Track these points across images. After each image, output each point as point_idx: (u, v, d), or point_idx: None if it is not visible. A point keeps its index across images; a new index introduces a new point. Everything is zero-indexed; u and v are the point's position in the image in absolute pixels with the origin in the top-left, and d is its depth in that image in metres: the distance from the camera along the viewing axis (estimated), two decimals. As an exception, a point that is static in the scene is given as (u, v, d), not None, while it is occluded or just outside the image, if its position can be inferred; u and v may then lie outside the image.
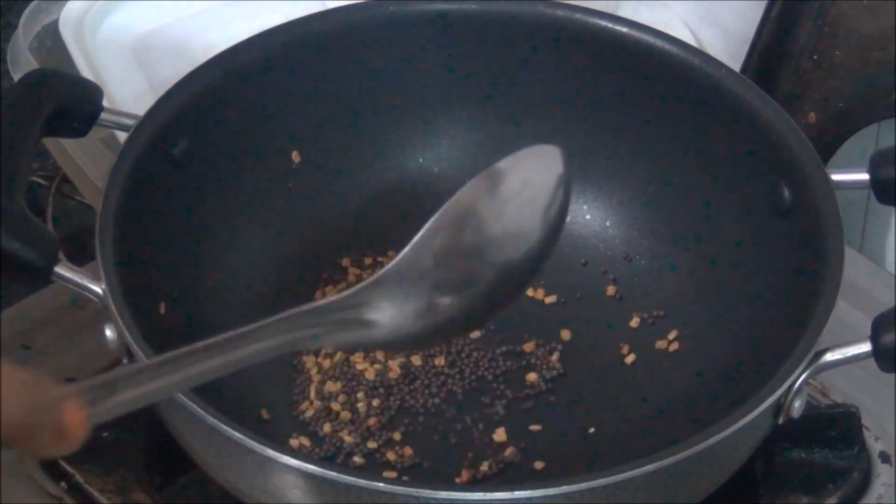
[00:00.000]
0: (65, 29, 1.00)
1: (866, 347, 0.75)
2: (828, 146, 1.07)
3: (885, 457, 0.87)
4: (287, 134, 0.92)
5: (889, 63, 1.05)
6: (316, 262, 0.93)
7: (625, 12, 0.98)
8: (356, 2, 0.93)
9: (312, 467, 0.69)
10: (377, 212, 0.95)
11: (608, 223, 0.94)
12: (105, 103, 0.84)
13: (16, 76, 0.97)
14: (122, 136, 0.84)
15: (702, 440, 0.71)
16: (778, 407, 0.75)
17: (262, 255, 0.91)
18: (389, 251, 0.93)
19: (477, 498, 0.68)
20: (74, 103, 0.83)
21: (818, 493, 0.83)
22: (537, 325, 0.91)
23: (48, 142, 0.98)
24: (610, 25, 0.91)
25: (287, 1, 0.98)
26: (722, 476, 0.77)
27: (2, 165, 0.77)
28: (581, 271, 0.93)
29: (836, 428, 0.85)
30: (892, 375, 0.81)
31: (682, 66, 0.89)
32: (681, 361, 0.88)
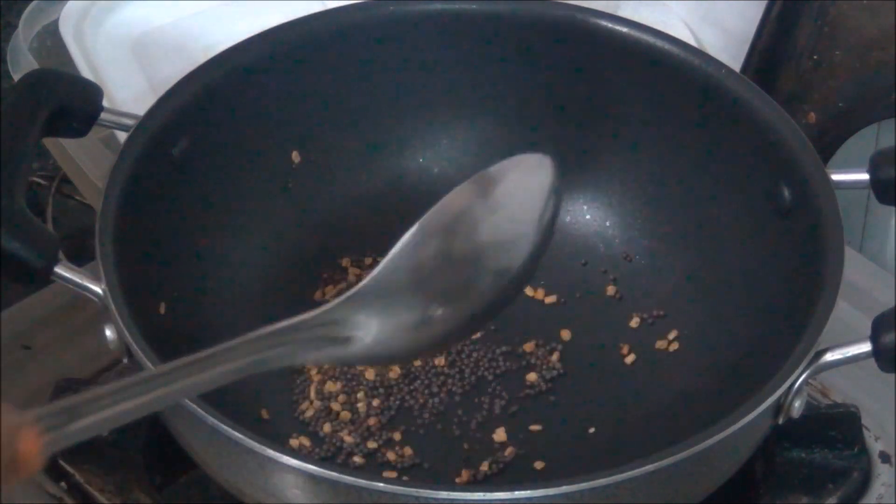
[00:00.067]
0: (65, 29, 1.00)
1: (866, 347, 0.75)
2: (828, 146, 1.07)
3: (885, 457, 0.87)
4: (287, 134, 0.92)
5: (889, 63, 1.05)
6: (316, 262, 0.93)
7: (625, 12, 0.98)
8: (356, 2, 0.93)
9: (312, 467, 0.69)
10: (377, 212, 0.95)
11: (608, 223, 0.94)
12: (105, 103, 0.84)
13: (16, 76, 0.97)
14: (122, 136, 0.84)
15: (702, 440, 0.71)
16: (778, 407, 0.75)
17: (262, 255, 0.91)
18: (389, 251, 0.93)
19: (477, 498, 0.68)
20: (74, 103, 0.83)
21: (818, 493, 0.83)
22: (537, 325, 0.91)
23: (48, 142, 0.98)
24: (610, 25, 0.91)
25: (287, 1, 0.98)
26: (722, 476, 0.77)
27: (2, 165, 0.77)
28: (581, 271, 0.93)
29: (836, 428, 0.85)
30: (892, 375, 0.81)
31: (682, 66, 0.89)
32: (681, 361, 0.88)
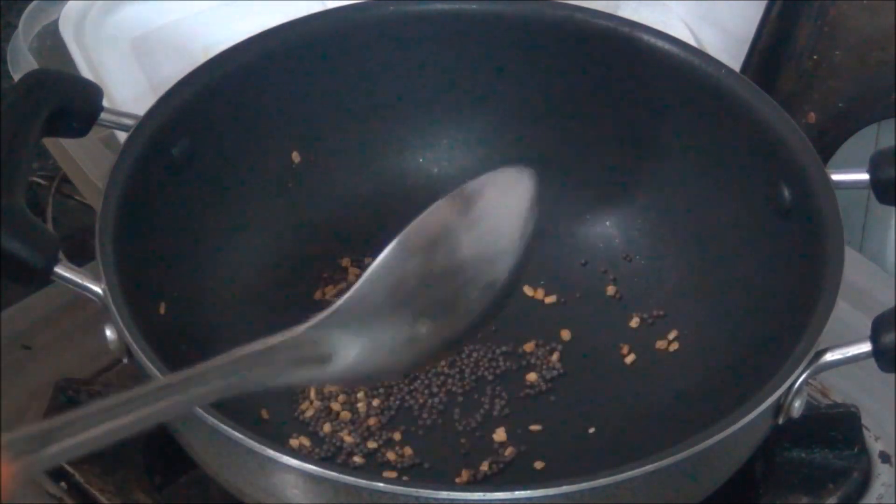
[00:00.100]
0: (65, 29, 1.00)
1: (866, 347, 0.75)
2: (828, 146, 1.07)
3: (885, 457, 0.87)
4: (287, 134, 0.92)
5: (889, 63, 1.05)
6: (316, 262, 0.93)
7: (625, 12, 0.98)
8: (356, 2, 0.93)
9: (312, 467, 0.69)
10: (377, 212, 0.95)
11: (608, 223, 0.94)
12: (105, 103, 0.84)
13: (16, 76, 0.97)
14: (122, 136, 0.84)
15: (702, 440, 0.71)
16: (778, 407, 0.75)
17: (262, 255, 0.91)
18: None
19: (477, 498, 0.68)
20: (74, 103, 0.83)
21: (818, 493, 0.83)
22: (537, 325, 0.91)
23: (48, 142, 0.98)
24: (610, 25, 0.91)
25: (287, 1, 0.98)
26: (722, 476, 0.77)
27: (2, 165, 0.77)
28: (581, 271, 0.93)
29: (836, 428, 0.85)
30: (892, 375, 0.81)
31: (682, 66, 0.89)
32: (681, 361, 0.88)
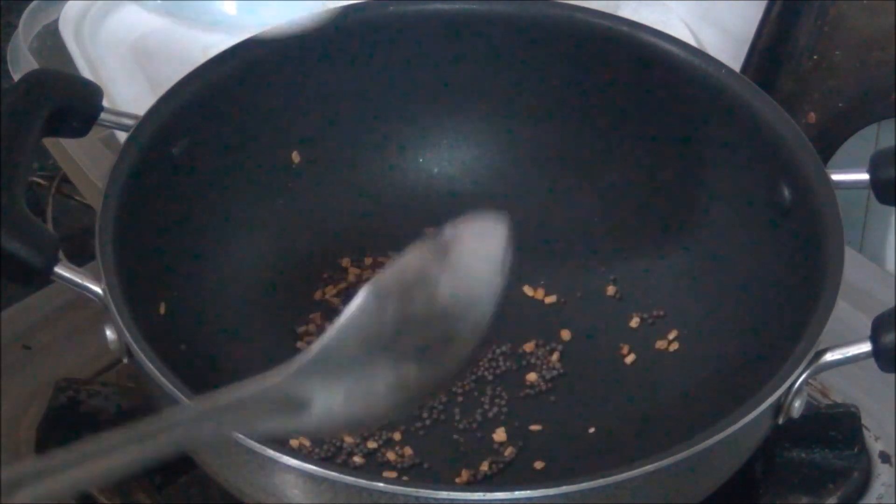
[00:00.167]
0: (65, 29, 1.00)
1: (866, 347, 0.75)
2: (828, 146, 1.07)
3: (885, 457, 0.87)
4: (287, 134, 0.92)
5: (889, 63, 1.05)
6: (316, 262, 0.93)
7: (625, 12, 0.98)
8: (356, 2, 0.93)
9: (312, 467, 0.69)
10: (377, 212, 0.95)
11: (608, 223, 0.94)
12: (105, 103, 0.84)
13: (16, 76, 0.97)
14: (122, 136, 0.84)
15: (702, 440, 0.71)
16: (778, 407, 0.75)
17: (262, 255, 0.91)
18: (389, 251, 0.93)
19: (477, 498, 0.68)
20: (74, 103, 0.83)
21: (818, 493, 0.83)
22: (537, 325, 0.90)
23: (48, 142, 0.98)
24: (610, 25, 0.91)
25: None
26: (722, 476, 0.77)
27: (2, 165, 0.77)
28: (581, 271, 0.93)
29: (836, 428, 0.85)
30: (892, 375, 0.81)
31: (682, 66, 0.89)
32: (681, 361, 0.88)
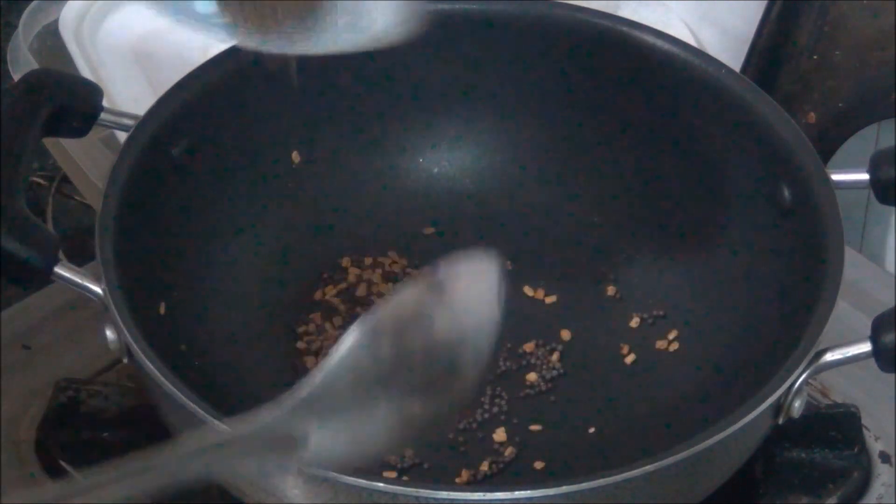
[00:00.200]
0: (65, 29, 1.00)
1: (866, 347, 0.75)
2: (828, 146, 1.07)
3: (885, 457, 0.87)
4: (287, 134, 0.92)
5: (889, 63, 1.05)
6: (316, 262, 0.93)
7: (625, 12, 0.98)
8: (356, 2, 0.93)
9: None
10: (377, 212, 0.95)
11: (608, 223, 0.94)
12: (105, 103, 0.84)
13: (16, 76, 0.97)
14: (122, 136, 0.84)
15: (702, 440, 0.71)
16: (778, 407, 0.75)
17: (263, 255, 0.91)
18: (389, 251, 0.93)
19: (477, 498, 0.68)
20: (74, 103, 0.83)
21: (818, 493, 0.83)
22: (537, 325, 0.90)
23: (48, 142, 0.98)
24: (610, 25, 0.91)
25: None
26: (722, 476, 0.77)
27: (2, 165, 0.77)
28: (581, 271, 0.93)
29: (836, 428, 0.85)
30: (892, 375, 0.81)
31: (682, 66, 0.89)
32: (681, 361, 0.88)
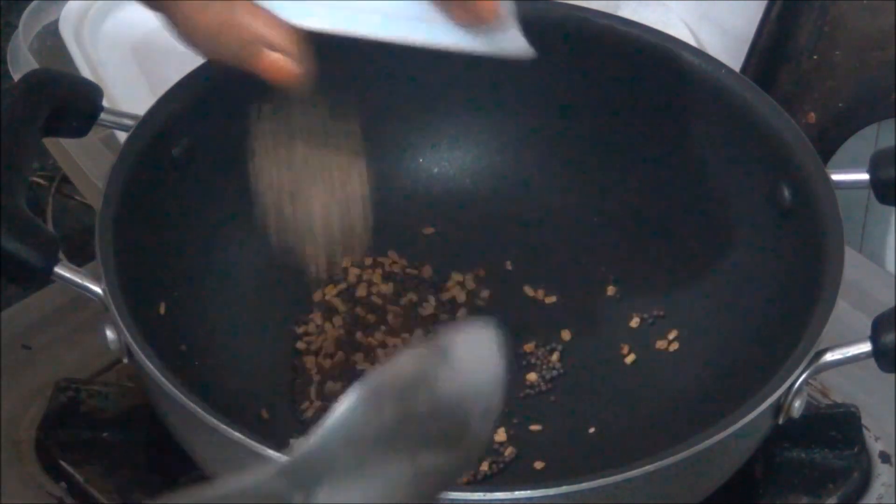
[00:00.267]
0: (65, 29, 1.00)
1: (866, 347, 0.75)
2: (828, 146, 1.07)
3: (885, 457, 0.87)
4: (287, 134, 0.92)
5: (889, 63, 1.05)
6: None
7: (625, 12, 0.98)
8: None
9: (312, 467, 0.69)
10: (377, 212, 0.94)
11: (608, 223, 0.94)
12: (105, 103, 0.84)
13: (16, 76, 0.97)
14: (122, 136, 0.84)
15: (702, 440, 0.71)
16: (778, 407, 0.75)
17: (263, 255, 0.91)
18: (389, 251, 0.93)
19: (477, 498, 0.68)
20: (74, 103, 0.83)
21: (818, 493, 0.83)
22: (537, 325, 0.90)
23: (48, 142, 0.98)
24: (610, 25, 0.91)
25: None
26: (722, 476, 0.77)
27: (2, 165, 0.77)
28: (581, 271, 0.93)
29: (836, 428, 0.85)
30: (892, 375, 0.81)
31: (682, 66, 0.89)
32: (681, 361, 0.88)
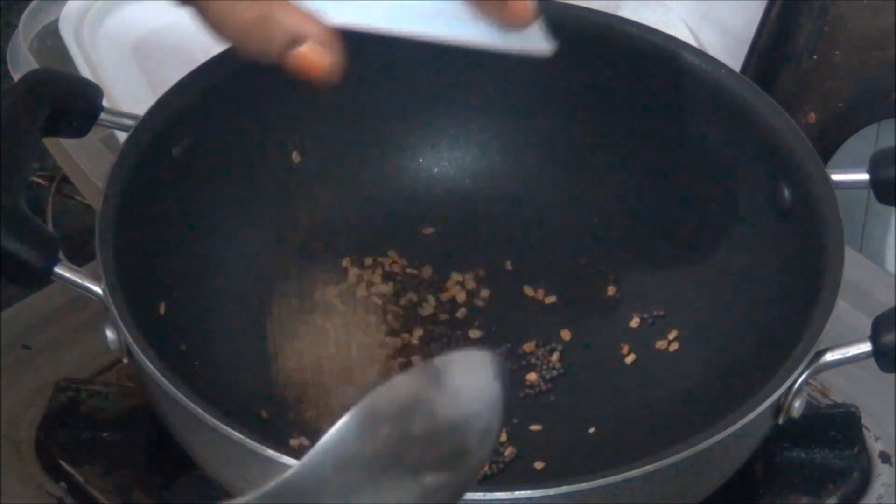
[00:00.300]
0: (65, 29, 1.00)
1: (866, 347, 0.75)
2: (828, 146, 1.07)
3: (885, 457, 0.87)
4: (287, 134, 0.92)
5: (889, 63, 1.05)
6: (316, 262, 0.93)
7: (625, 12, 0.98)
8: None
9: (312, 467, 0.69)
10: (377, 212, 0.95)
11: (607, 222, 0.94)
12: (105, 103, 0.84)
13: (16, 76, 0.97)
14: (122, 136, 0.84)
15: (702, 440, 0.71)
16: (778, 407, 0.75)
17: (262, 255, 0.91)
18: (389, 251, 0.93)
19: (477, 498, 0.68)
20: (74, 103, 0.83)
21: (818, 493, 0.83)
22: (537, 325, 0.90)
23: (48, 142, 0.98)
24: (610, 25, 0.91)
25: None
26: (722, 476, 0.77)
27: (2, 165, 0.77)
28: (581, 271, 0.93)
29: (836, 428, 0.85)
30: (892, 375, 0.81)
31: (682, 66, 0.89)
32: (681, 361, 0.88)
